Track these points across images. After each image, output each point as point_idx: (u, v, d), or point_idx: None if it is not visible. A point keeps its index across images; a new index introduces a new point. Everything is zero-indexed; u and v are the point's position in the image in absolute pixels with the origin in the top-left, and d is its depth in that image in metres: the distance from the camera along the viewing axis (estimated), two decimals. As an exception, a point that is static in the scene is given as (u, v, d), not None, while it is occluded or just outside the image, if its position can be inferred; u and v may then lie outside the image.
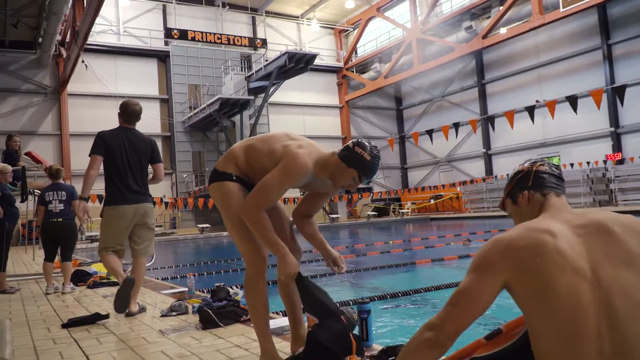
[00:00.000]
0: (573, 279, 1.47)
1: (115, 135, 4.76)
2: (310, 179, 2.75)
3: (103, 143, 4.69)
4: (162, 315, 4.50)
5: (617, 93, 20.21)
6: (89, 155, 4.69)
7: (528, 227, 1.61)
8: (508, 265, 1.54)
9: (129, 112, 4.85)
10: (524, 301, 1.55)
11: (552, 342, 1.49)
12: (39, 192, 8.32)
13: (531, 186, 1.79)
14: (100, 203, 6.24)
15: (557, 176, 1.81)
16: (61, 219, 6.70)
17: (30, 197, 8.84)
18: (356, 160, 2.63)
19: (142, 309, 4.79)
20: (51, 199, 6.80)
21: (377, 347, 2.97)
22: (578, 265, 1.49)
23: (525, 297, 1.53)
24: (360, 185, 25.01)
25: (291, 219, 3.06)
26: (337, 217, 29.02)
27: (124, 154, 4.71)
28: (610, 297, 1.46)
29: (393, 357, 2.40)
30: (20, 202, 7.51)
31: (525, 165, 1.85)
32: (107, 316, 4.46)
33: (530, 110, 12.31)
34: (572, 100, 11.36)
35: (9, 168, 7.27)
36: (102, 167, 4.72)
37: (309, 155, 2.67)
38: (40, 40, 24.30)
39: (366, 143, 2.67)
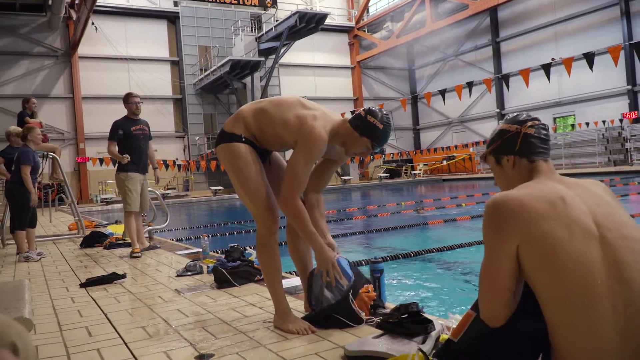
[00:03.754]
0: (582, 241, 1.46)
1: None
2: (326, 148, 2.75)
3: None
4: (178, 275, 4.57)
5: (635, 49, 19.76)
6: None
7: (536, 190, 1.56)
8: (519, 231, 1.50)
9: None
10: (533, 269, 1.50)
11: (565, 307, 1.47)
12: (52, 154, 8.39)
13: (518, 151, 1.70)
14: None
15: (545, 139, 1.72)
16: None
17: (44, 160, 8.91)
18: (369, 129, 2.66)
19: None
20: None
21: (389, 305, 3.01)
22: (586, 226, 1.48)
23: (535, 263, 1.49)
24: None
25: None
26: (349, 179, 29.03)
27: None
28: (617, 252, 1.46)
29: (405, 315, 2.43)
30: None
31: (513, 125, 1.73)
32: (124, 276, 4.55)
33: (546, 68, 12.06)
34: (589, 58, 11.11)
35: (19, 130, 7.32)
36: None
37: (324, 127, 2.68)
38: (50, 2, 24.10)
39: (377, 111, 2.69)
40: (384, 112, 2.71)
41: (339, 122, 2.78)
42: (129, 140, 6.21)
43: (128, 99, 6.30)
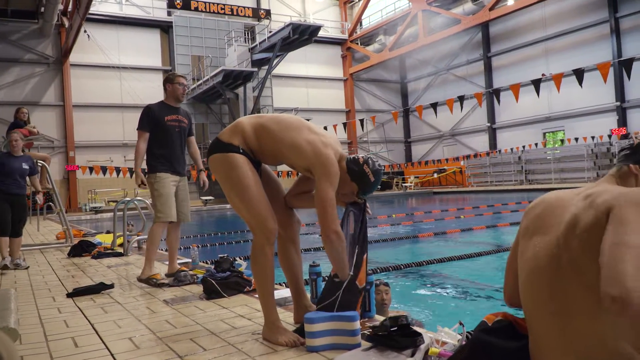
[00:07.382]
0: (531, 240, 1.65)
1: None
2: None
3: None
4: (167, 286, 4.53)
5: (624, 67, 20.00)
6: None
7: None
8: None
9: None
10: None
11: (523, 298, 1.72)
12: (42, 162, 8.33)
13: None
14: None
15: None
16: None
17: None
18: (361, 177, 2.80)
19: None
20: None
21: (379, 317, 3.00)
22: (548, 225, 1.62)
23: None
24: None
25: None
26: (340, 190, 29.02)
27: None
28: (536, 257, 1.62)
29: (395, 328, 2.42)
30: None
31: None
32: (112, 286, 4.50)
33: (536, 83, 12.18)
34: (579, 74, 11.23)
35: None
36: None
37: (335, 154, 2.75)
38: (42, 9, 24.09)
39: (373, 162, 2.83)
40: (379, 165, 2.85)
41: (340, 154, 2.83)
42: (161, 132, 4.93)
43: (174, 79, 4.97)
